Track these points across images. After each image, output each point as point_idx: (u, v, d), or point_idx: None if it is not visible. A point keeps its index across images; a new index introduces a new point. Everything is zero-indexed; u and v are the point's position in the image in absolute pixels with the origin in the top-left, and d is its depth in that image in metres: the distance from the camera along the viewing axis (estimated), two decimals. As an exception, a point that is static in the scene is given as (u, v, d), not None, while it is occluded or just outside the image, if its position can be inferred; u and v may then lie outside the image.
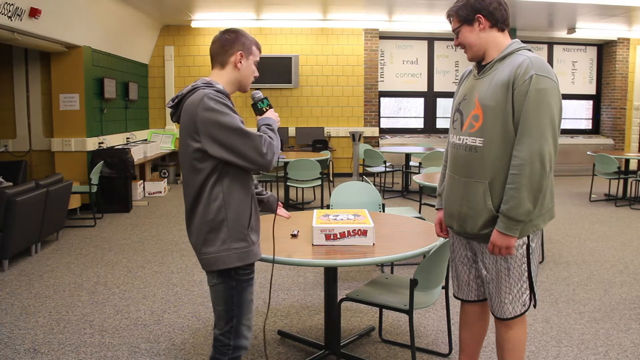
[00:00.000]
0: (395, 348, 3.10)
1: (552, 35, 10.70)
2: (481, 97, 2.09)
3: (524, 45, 2.12)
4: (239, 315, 2.07)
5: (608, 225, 6.27)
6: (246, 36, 2.12)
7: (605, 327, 3.36)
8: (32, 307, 3.73)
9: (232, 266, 2.01)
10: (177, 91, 9.78)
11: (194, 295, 3.98)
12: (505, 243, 2.04)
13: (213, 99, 1.92)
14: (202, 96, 1.93)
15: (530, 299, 2.17)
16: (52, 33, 6.01)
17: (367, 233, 2.46)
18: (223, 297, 2.05)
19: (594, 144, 10.77)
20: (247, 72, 2.11)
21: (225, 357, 2.09)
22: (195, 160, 1.97)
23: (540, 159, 1.96)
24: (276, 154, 1.99)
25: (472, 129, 2.12)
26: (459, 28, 2.15)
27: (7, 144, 7.30)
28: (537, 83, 1.96)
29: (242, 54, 2.08)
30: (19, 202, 4.55)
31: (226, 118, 1.91)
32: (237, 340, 2.08)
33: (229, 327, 2.07)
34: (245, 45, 2.09)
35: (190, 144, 1.96)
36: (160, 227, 6.22)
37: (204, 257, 2.03)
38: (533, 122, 1.96)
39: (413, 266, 4.36)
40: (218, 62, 2.10)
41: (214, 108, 1.91)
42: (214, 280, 2.05)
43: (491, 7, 2.10)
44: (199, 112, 1.91)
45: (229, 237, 2.00)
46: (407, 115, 11.07)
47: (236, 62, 2.08)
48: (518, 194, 1.98)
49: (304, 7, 8.59)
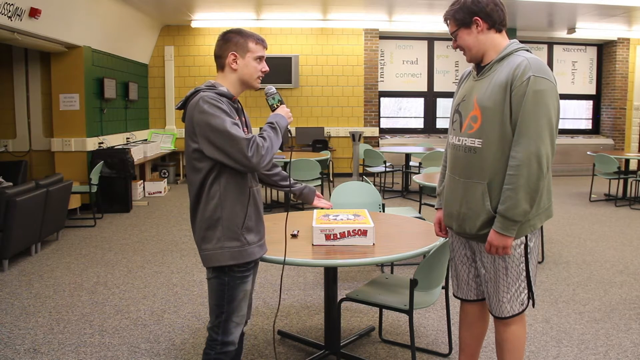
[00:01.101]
0: (395, 348, 3.10)
1: (552, 35, 10.70)
2: (480, 99, 2.09)
3: (522, 46, 2.12)
4: (229, 311, 2.12)
5: (608, 225, 6.27)
6: (241, 34, 2.11)
7: (605, 327, 3.36)
8: (32, 307, 3.73)
9: (225, 264, 2.08)
10: (177, 91, 9.90)
11: (194, 295, 3.98)
12: (502, 243, 2.04)
13: (207, 102, 1.97)
14: (199, 99, 1.99)
15: (529, 299, 2.18)
16: (52, 33, 6.01)
17: (367, 233, 2.46)
18: (215, 291, 2.12)
19: (594, 144, 10.77)
20: (247, 70, 2.11)
21: (213, 352, 2.14)
22: (194, 160, 2.06)
23: (537, 160, 1.96)
24: (267, 156, 2.00)
25: (470, 130, 2.12)
26: (457, 31, 2.15)
27: (7, 144, 7.30)
28: (535, 84, 1.97)
29: (234, 54, 2.10)
30: (19, 202, 4.55)
31: (216, 120, 1.95)
32: (225, 336, 2.13)
33: (218, 322, 2.13)
34: (239, 44, 2.10)
35: (190, 144, 2.05)
36: (160, 227, 6.22)
37: (202, 254, 2.12)
38: (530, 123, 1.97)
39: (413, 266, 4.37)
40: (219, 65, 2.16)
41: (206, 110, 1.96)
42: (209, 275, 2.14)
43: (488, 9, 2.09)
44: (195, 114, 1.99)
45: (223, 236, 2.06)
46: (407, 115, 11.07)
47: (231, 62, 2.10)
48: (515, 194, 1.98)
49: (304, 7, 8.59)
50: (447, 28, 2.21)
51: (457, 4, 2.14)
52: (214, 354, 2.14)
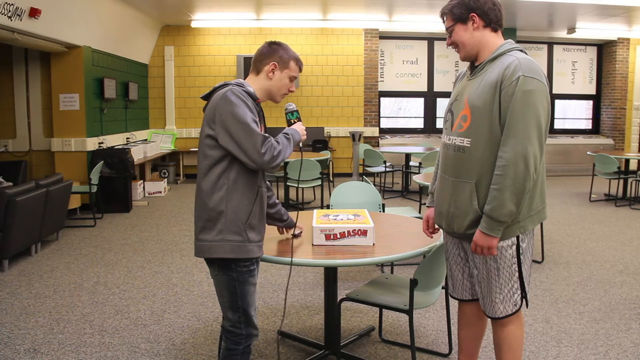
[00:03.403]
0: (395, 348, 3.10)
1: (552, 35, 10.69)
2: (470, 98, 2.11)
3: (515, 46, 2.12)
4: (244, 306, 2.16)
5: (608, 225, 6.27)
6: (287, 50, 2.23)
7: (605, 327, 3.36)
8: (32, 307, 3.73)
9: (225, 257, 2.10)
10: (177, 91, 9.90)
11: (194, 295, 3.98)
12: (487, 243, 2.04)
13: (235, 94, 2.05)
14: (227, 90, 2.07)
15: (522, 300, 2.17)
16: (52, 33, 6.01)
17: (367, 233, 2.47)
18: (226, 287, 2.14)
19: (594, 144, 10.76)
20: (279, 83, 2.22)
21: (240, 346, 2.20)
22: (206, 147, 2.09)
23: (524, 160, 1.96)
24: (278, 158, 2.06)
25: (460, 130, 2.13)
26: (453, 26, 2.16)
27: (7, 144, 7.30)
28: (524, 84, 1.96)
29: (276, 64, 2.19)
30: (19, 202, 4.55)
31: (239, 110, 2.02)
32: (247, 328, 2.19)
33: (238, 317, 2.16)
34: (283, 59, 2.20)
35: (205, 130, 2.09)
36: (160, 227, 6.22)
37: (199, 244, 2.13)
38: (519, 124, 1.96)
39: (413, 266, 4.37)
40: (255, 68, 2.24)
41: (232, 101, 2.03)
42: (215, 272, 2.15)
43: (486, 7, 2.11)
44: (220, 102, 2.05)
45: (225, 229, 2.08)
46: (407, 115, 11.07)
47: (269, 71, 2.19)
48: (501, 195, 1.98)
49: (304, 7, 8.58)
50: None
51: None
52: (242, 347, 2.20)
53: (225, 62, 9.90)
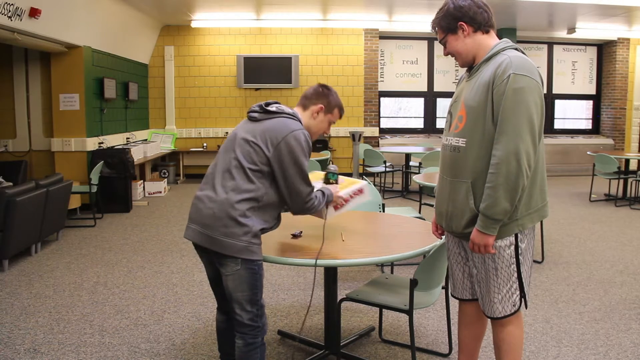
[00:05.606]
0: (395, 348, 3.10)
1: (552, 35, 10.70)
2: (466, 99, 2.13)
3: (510, 45, 2.12)
4: (261, 298, 2.25)
5: (608, 225, 6.27)
6: (335, 97, 2.40)
7: (605, 327, 3.36)
8: (32, 307, 3.73)
9: (257, 259, 2.20)
10: (177, 91, 9.90)
11: (194, 295, 3.98)
12: (483, 241, 2.05)
13: (306, 140, 2.22)
14: (300, 129, 2.23)
15: (521, 300, 2.17)
16: (52, 33, 6.01)
17: (363, 190, 2.64)
18: (248, 282, 2.20)
19: (594, 144, 10.76)
20: (320, 125, 2.39)
21: (259, 339, 2.26)
22: (258, 161, 2.19)
23: (516, 158, 1.96)
24: (309, 211, 2.29)
25: (456, 130, 2.15)
26: (445, 38, 2.19)
27: (7, 144, 7.30)
28: (515, 82, 1.97)
29: (322, 107, 2.36)
30: (19, 202, 4.55)
31: (303, 159, 2.21)
32: (262, 320, 2.27)
33: (256, 310, 2.24)
34: (330, 104, 2.38)
35: (259, 142, 2.19)
36: (160, 227, 6.22)
37: (229, 241, 2.17)
38: (510, 121, 1.97)
39: (413, 266, 4.36)
40: (303, 103, 2.40)
41: (302, 147, 2.20)
42: (237, 267, 2.19)
43: (471, 12, 2.11)
44: (289, 138, 2.18)
45: (251, 232, 2.17)
46: (407, 115, 11.07)
47: (315, 111, 2.36)
48: (494, 193, 1.99)
49: (304, 7, 8.59)
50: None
51: (441, 11, 2.18)
52: (260, 340, 2.26)
53: (225, 62, 9.90)
